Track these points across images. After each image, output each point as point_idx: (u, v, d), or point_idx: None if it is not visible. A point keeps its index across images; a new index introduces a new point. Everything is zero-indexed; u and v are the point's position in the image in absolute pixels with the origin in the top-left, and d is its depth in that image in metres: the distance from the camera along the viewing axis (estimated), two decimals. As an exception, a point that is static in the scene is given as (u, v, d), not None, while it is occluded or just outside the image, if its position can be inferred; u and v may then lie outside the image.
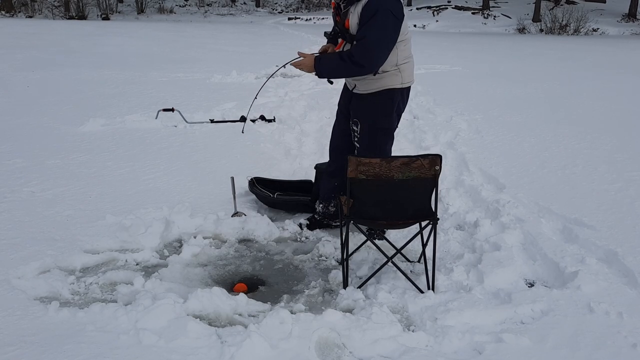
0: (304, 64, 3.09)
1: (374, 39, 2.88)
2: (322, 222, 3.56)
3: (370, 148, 3.20)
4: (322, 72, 3.08)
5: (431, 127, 5.99)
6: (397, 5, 2.94)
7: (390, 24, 2.90)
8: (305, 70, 3.10)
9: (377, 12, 2.85)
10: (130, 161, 4.75)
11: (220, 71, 9.57)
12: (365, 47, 2.90)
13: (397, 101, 3.19)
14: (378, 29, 2.87)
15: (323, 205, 3.51)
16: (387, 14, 2.87)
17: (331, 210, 3.51)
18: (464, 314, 2.49)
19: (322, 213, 3.53)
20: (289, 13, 36.25)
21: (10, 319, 2.39)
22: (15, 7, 29.65)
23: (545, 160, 4.76)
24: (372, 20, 2.86)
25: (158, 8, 33.78)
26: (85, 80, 8.70)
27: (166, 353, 2.18)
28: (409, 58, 3.19)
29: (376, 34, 2.87)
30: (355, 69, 2.97)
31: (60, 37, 15.38)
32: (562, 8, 26.19)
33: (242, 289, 2.84)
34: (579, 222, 3.44)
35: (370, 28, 2.87)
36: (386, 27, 2.89)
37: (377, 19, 2.86)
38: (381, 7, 2.86)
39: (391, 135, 3.31)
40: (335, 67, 3.04)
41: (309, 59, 3.09)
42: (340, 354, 2.26)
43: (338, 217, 3.51)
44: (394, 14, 2.89)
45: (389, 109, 3.18)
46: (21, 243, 3.13)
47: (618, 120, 6.38)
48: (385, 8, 2.86)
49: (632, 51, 15.34)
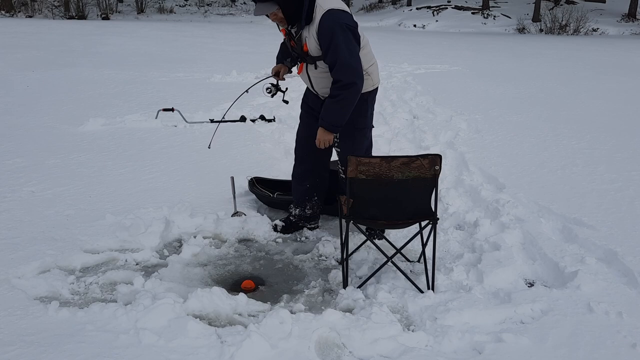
0: (322, 139, 3.10)
1: (347, 56, 2.90)
2: (297, 225, 3.56)
3: (353, 149, 3.24)
4: (336, 123, 3.06)
5: (431, 127, 5.99)
6: (347, 16, 2.96)
7: (350, 36, 2.93)
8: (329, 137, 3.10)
9: (335, 31, 2.87)
10: (130, 161, 4.75)
11: (220, 71, 9.57)
12: (345, 68, 2.92)
13: (370, 102, 3.27)
14: (344, 46, 2.89)
15: (300, 209, 3.52)
16: (343, 28, 2.89)
17: (307, 213, 3.52)
18: (464, 314, 2.49)
19: (299, 216, 3.54)
20: (289, 13, 36.14)
21: (10, 319, 2.39)
22: (15, 7, 29.63)
23: (545, 160, 4.76)
24: (335, 41, 2.88)
25: (158, 8, 33.76)
26: (85, 80, 8.70)
27: (166, 353, 2.18)
28: (373, 60, 3.24)
29: (345, 52, 2.90)
30: (351, 91, 2.95)
31: (60, 37, 15.38)
32: (562, 8, 26.18)
33: (250, 285, 2.84)
34: (579, 221, 3.44)
35: (337, 49, 2.89)
36: (348, 40, 2.92)
37: (338, 38, 2.88)
38: (335, 24, 2.87)
39: (368, 134, 3.37)
40: (338, 109, 3.01)
41: (320, 133, 3.09)
42: (340, 354, 2.26)
43: (313, 220, 3.54)
44: (348, 25, 2.92)
45: (364, 110, 3.22)
46: (21, 243, 3.13)
47: (618, 120, 6.38)
48: (340, 24, 2.89)
49: (631, 51, 15.34)
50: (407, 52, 14.19)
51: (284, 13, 2.90)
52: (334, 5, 2.93)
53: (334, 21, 2.86)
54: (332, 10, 2.88)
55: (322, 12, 2.88)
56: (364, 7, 34.66)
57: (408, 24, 27.54)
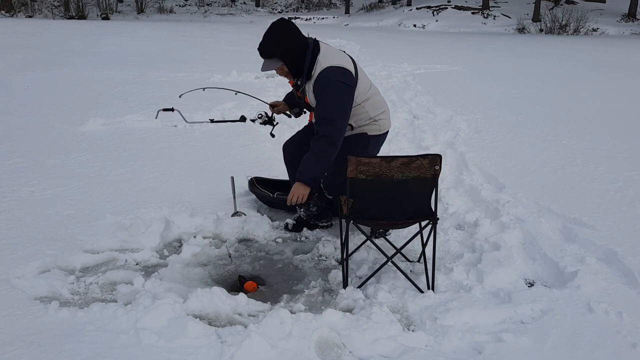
0: (296, 193, 2.99)
1: (331, 110, 2.95)
2: (309, 223, 3.57)
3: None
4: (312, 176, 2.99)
5: (431, 127, 5.99)
6: (344, 74, 3.00)
7: (341, 93, 2.97)
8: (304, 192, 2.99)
9: (327, 87, 2.96)
10: (130, 161, 4.75)
11: (220, 71, 9.57)
12: (326, 121, 2.96)
13: (373, 143, 3.28)
14: (332, 101, 2.96)
15: (304, 209, 3.52)
16: (337, 85, 2.95)
17: (313, 210, 3.52)
18: (464, 314, 2.49)
19: (307, 215, 3.55)
20: (289, 13, 36.24)
21: (10, 319, 2.39)
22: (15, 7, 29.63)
23: (545, 160, 4.76)
24: (324, 95, 2.97)
25: (158, 8, 33.76)
26: (85, 80, 8.70)
27: (166, 353, 2.18)
28: (383, 108, 3.29)
29: (331, 106, 2.95)
30: (327, 144, 2.95)
31: (60, 37, 15.38)
32: (562, 8, 26.18)
33: (252, 287, 2.84)
34: (579, 221, 3.44)
35: (324, 103, 2.98)
36: (338, 97, 2.96)
37: (328, 93, 2.96)
38: (329, 80, 2.96)
39: None
40: (314, 162, 2.98)
41: (296, 187, 2.99)
42: (340, 354, 2.26)
43: (324, 217, 3.54)
44: (343, 83, 2.97)
45: (364, 144, 3.23)
46: (21, 243, 3.13)
47: (618, 120, 6.38)
48: (334, 80, 2.96)
49: (631, 51, 15.34)
50: (407, 52, 14.19)
51: (289, 68, 3.08)
52: (333, 62, 3.01)
53: (329, 78, 2.97)
54: (329, 68, 2.98)
55: (321, 69, 2.99)
56: (364, 7, 34.66)
57: (408, 24, 27.54)
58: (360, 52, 14.25)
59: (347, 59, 3.14)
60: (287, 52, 3.02)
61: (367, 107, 3.17)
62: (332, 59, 3.04)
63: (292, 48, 3.01)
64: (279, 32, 3.02)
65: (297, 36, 3.05)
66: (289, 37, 3.03)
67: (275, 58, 3.04)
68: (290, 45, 3.01)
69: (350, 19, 31.20)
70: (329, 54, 3.08)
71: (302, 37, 3.08)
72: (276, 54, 3.03)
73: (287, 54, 3.02)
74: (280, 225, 3.60)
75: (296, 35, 3.05)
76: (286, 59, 3.03)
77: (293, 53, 3.02)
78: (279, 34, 3.02)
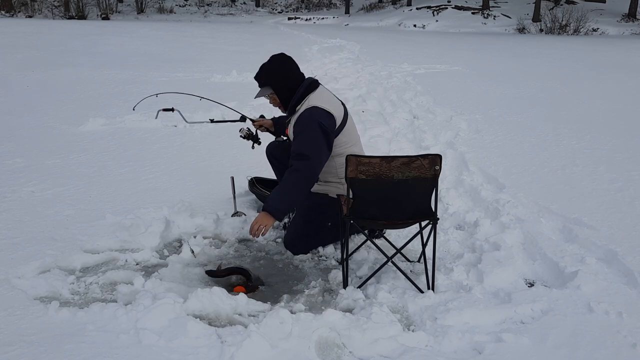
0: (260, 222, 2.88)
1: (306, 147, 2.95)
2: None
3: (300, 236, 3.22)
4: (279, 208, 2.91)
5: (431, 127, 5.99)
6: (328, 118, 3.00)
7: (318, 134, 2.96)
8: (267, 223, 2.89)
9: (306, 124, 2.98)
10: (130, 161, 4.75)
11: (220, 71, 9.57)
12: (298, 156, 2.95)
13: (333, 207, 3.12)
14: (308, 139, 2.96)
15: None
16: (316, 125, 2.95)
17: None
18: (464, 314, 2.49)
19: None
20: (288, 13, 36.26)
21: (11, 319, 2.39)
22: (15, 7, 29.64)
23: (545, 160, 4.76)
24: (302, 131, 2.99)
25: (158, 8, 33.78)
26: (85, 80, 8.70)
27: (166, 353, 2.18)
28: None
29: (306, 143, 2.96)
30: (296, 176, 2.93)
31: (60, 37, 15.38)
32: (562, 8, 26.19)
33: (241, 290, 2.84)
34: (579, 221, 3.44)
35: (299, 138, 2.99)
36: (314, 136, 2.96)
37: (305, 131, 2.98)
38: (310, 119, 2.98)
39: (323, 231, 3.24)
40: (283, 193, 2.94)
41: (260, 217, 2.89)
42: (340, 354, 2.26)
43: None
44: (323, 126, 2.97)
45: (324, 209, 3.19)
46: (21, 243, 3.13)
47: (618, 120, 6.38)
48: (315, 120, 2.97)
49: (632, 51, 15.34)
50: (407, 52, 14.20)
51: (279, 96, 3.15)
52: (322, 104, 3.02)
53: (311, 116, 2.98)
54: (314, 108, 3.00)
55: (307, 107, 3.03)
56: (364, 7, 34.68)
57: (408, 24, 27.55)
58: (360, 52, 14.26)
59: (339, 106, 3.13)
60: (280, 82, 3.11)
61: (338, 164, 3.10)
62: (322, 101, 3.05)
63: (285, 79, 3.10)
64: (277, 62, 3.14)
65: (294, 71, 3.15)
66: (286, 69, 3.13)
67: (268, 86, 3.15)
68: (285, 75, 3.11)
69: (350, 19, 31.21)
70: (321, 96, 3.09)
71: (299, 74, 3.17)
72: (269, 82, 3.12)
73: (280, 83, 3.11)
74: (280, 225, 3.59)
75: (293, 70, 3.15)
76: (277, 87, 3.12)
77: (285, 84, 3.10)
78: (276, 64, 3.14)
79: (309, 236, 3.23)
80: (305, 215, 3.11)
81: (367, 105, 7.31)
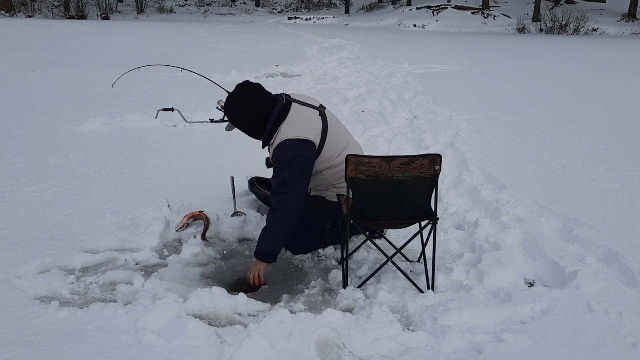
0: (254, 270, 2.91)
1: (284, 184, 2.89)
2: None
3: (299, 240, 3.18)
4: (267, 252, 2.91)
5: (431, 127, 5.99)
6: (302, 146, 2.89)
7: (297, 168, 2.88)
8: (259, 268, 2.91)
9: (282, 159, 2.89)
10: (130, 161, 4.75)
11: (220, 71, 9.57)
12: (275, 194, 2.92)
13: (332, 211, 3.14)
14: (286, 175, 2.89)
15: None
16: (293, 159, 2.87)
17: None
18: (464, 314, 2.49)
19: None
20: (288, 13, 36.27)
21: (10, 319, 2.39)
22: (15, 7, 29.66)
23: (545, 160, 4.75)
24: (280, 167, 2.91)
25: (158, 8, 33.79)
26: (85, 80, 8.70)
27: (166, 353, 2.18)
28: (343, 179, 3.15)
29: (285, 180, 2.89)
30: (274, 217, 2.91)
31: (60, 37, 15.38)
32: (562, 8, 26.18)
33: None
34: (579, 221, 3.44)
35: (277, 174, 2.93)
36: (292, 172, 2.88)
37: (283, 168, 2.89)
38: (286, 154, 2.88)
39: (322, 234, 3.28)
40: (267, 237, 2.91)
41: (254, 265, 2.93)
42: (340, 354, 2.26)
43: None
44: (300, 156, 2.89)
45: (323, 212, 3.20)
46: (21, 243, 3.13)
47: (618, 120, 6.38)
48: (291, 154, 2.87)
49: (632, 51, 15.34)
50: (407, 52, 14.19)
51: (250, 136, 3.09)
52: (293, 134, 2.89)
53: (287, 151, 2.87)
54: (288, 141, 2.88)
55: (280, 140, 2.90)
56: (364, 7, 34.68)
57: (408, 24, 27.55)
58: (361, 52, 14.26)
59: (314, 125, 2.97)
60: (248, 126, 3.04)
61: (329, 175, 3.11)
62: (295, 129, 2.91)
63: (252, 122, 3.00)
64: (240, 104, 3.00)
65: (259, 107, 2.98)
66: (250, 110, 2.98)
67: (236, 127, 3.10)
68: (250, 119, 2.99)
69: (350, 19, 31.21)
70: (293, 124, 2.93)
71: (265, 106, 2.98)
72: (237, 125, 3.06)
73: (248, 127, 3.04)
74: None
75: (257, 107, 2.98)
76: (246, 131, 3.07)
77: (253, 127, 3.02)
78: (240, 106, 3.00)
79: (308, 240, 3.23)
80: (304, 219, 3.11)
81: (367, 105, 7.31)
